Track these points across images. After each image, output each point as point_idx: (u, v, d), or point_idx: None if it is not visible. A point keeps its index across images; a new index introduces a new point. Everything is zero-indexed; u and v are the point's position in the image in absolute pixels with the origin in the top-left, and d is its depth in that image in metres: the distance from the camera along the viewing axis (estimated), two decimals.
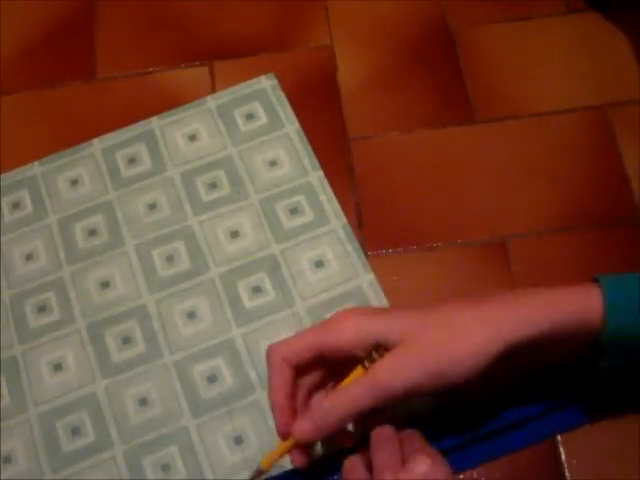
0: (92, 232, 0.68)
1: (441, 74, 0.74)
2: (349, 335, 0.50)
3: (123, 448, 0.59)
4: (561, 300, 0.49)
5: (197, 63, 0.76)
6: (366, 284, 0.63)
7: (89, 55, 0.77)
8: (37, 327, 0.64)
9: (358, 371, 0.51)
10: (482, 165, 0.69)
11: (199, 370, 0.61)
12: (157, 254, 0.66)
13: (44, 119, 0.74)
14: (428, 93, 0.73)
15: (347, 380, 0.51)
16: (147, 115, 0.73)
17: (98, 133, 0.72)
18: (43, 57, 0.78)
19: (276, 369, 0.52)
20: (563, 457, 0.56)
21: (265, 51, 0.77)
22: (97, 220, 0.68)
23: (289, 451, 0.52)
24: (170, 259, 0.66)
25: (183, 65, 0.76)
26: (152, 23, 0.79)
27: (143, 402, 0.60)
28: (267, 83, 0.74)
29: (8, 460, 0.59)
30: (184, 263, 0.66)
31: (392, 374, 0.49)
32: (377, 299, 0.62)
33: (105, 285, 0.65)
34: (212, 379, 0.61)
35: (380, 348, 0.50)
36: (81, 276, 0.66)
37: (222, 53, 0.77)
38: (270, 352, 0.53)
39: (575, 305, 0.49)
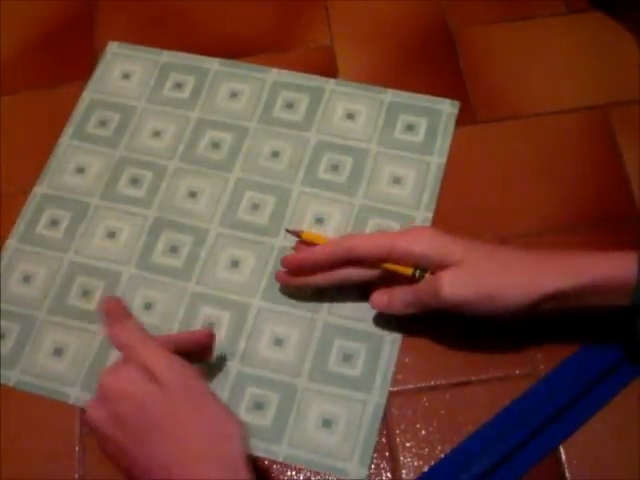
0: (215, 145, 0.71)
1: (441, 74, 0.74)
2: (422, 245, 0.57)
3: None
4: (603, 262, 0.54)
5: None
6: None
7: (89, 55, 0.78)
8: (121, 194, 0.69)
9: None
10: (482, 165, 0.69)
11: (205, 312, 0.63)
12: (248, 196, 0.68)
13: (44, 119, 0.74)
14: (428, 93, 0.72)
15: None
16: None
17: None
18: (43, 57, 0.78)
19: (336, 247, 0.59)
20: (563, 457, 0.56)
21: (265, 51, 0.76)
22: (226, 138, 0.71)
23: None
24: (255, 207, 0.67)
25: None
26: (152, 23, 0.79)
27: (148, 306, 0.64)
28: (447, 108, 0.71)
29: (27, 279, 0.66)
30: (263, 218, 0.67)
31: (451, 286, 0.55)
32: None
33: (192, 195, 0.68)
34: (211, 325, 0.63)
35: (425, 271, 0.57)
36: (180, 175, 0.69)
37: (222, 53, 0.76)
38: (346, 238, 0.60)
39: (613, 267, 0.53)
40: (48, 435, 0.60)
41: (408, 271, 0.57)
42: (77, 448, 0.59)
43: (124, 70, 0.76)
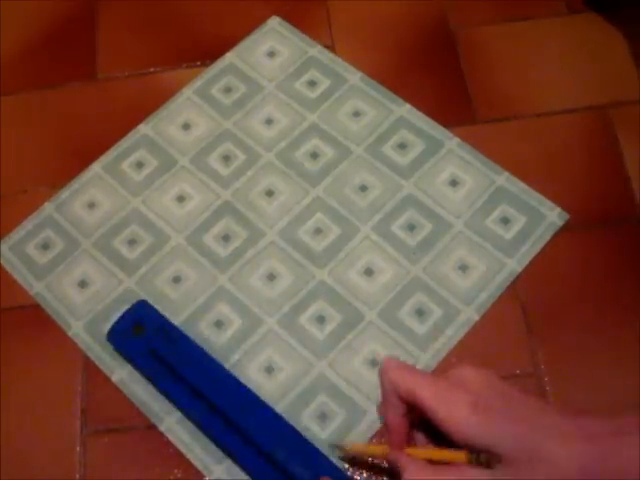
0: (314, 155, 0.70)
1: (442, 74, 0.74)
2: (463, 425, 0.46)
3: None
4: None
5: (198, 63, 0.76)
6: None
7: (90, 55, 0.77)
8: (208, 165, 0.70)
9: (460, 457, 0.47)
10: None
11: (222, 309, 0.63)
12: (317, 218, 0.67)
13: (44, 119, 0.74)
14: (429, 93, 0.73)
15: (449, 458, 0.48)
16: (147, 115, 0.73)
17: (98, 133, 0.72)
18: (43, 57, 0.77)
19: (390, 390, 0.51)
20: None
21: None
22: (327, 152, 0.70)
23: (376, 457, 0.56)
24: (317, 232, 0.66)
25: (184, 65, 0.76)
26: (153, 23, 0.78)
27: (176, 279, 0.65)
28: (553, 216, 0.65)
29: (91, 206, 0.69)
30: (319, 245, 0.65)
31: None
32: None
33: (269, 194, 0.68)
34: (219, 323, 0.63)
35: (492, 459, 0.46)
36: (268, 170, 0.69)
37: (223, 53, 0.76)
38: (386, 370, 0.51)
39: None
40: (48, 435, 0.60)
41: (461, 457, 0.47)
42: (77, 448, 0.59)
43: (272, 48, 0.76)
